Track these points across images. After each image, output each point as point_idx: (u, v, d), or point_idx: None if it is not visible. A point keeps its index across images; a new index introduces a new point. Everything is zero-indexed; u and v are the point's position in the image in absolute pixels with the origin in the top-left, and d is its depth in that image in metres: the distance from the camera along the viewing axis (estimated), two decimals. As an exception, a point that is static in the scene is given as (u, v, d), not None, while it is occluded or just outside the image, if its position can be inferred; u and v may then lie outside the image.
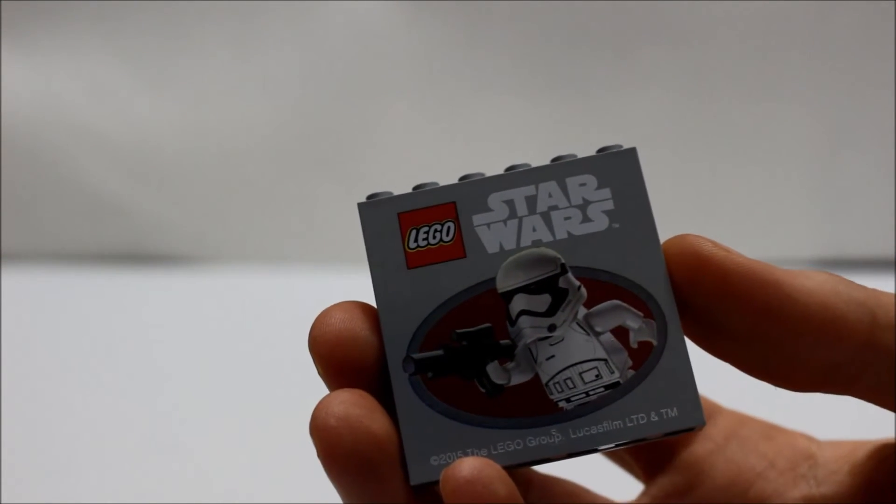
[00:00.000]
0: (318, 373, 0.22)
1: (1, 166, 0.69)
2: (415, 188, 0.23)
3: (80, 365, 0.59)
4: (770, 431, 0.28)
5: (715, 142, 0.65)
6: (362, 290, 0.23)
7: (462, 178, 0.23)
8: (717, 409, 0.28)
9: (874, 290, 0.22)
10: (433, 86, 0.67)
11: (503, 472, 0.20)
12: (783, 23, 0.62)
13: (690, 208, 0.65)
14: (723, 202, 0.65)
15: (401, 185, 0.23)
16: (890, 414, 0.23)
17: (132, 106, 0.68)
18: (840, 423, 0.34)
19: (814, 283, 0.22)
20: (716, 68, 0.64)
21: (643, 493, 0.28)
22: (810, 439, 0.27)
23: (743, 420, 0.28)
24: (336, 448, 0.20)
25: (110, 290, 0.67)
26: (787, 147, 0.64)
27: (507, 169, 0.23)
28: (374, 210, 0.23)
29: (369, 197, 0.23)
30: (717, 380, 0.28)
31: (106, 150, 0.69)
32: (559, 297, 0.22)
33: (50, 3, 0.67)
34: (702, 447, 0.27)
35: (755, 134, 0.64)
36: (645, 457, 0.28)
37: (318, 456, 0.20)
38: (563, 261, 0.23)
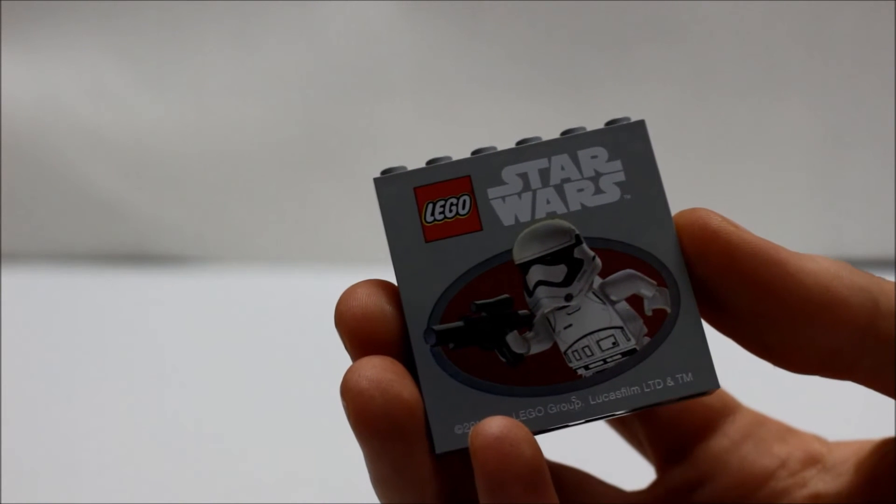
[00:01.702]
0: (345, 347, 0.22)
1: (1, 166, 0.69)
2: (428, 163, 0.24)
3: (80, 365, 0.58)
4: (785, 434, 0.28)
5: (715, 140, 0.65)
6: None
7: (474, 153, 0.24)
8: (736, 407, 0.29)
9: (877, 278, 0.22)
10: (433, 85, 0.67)
11: (530, 435, 0.20)
12: (784, 21, 0.63)
13: (690, 206, 0.65)
14: (722, 201, 0.65)
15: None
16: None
17: (132, 106, 0.69)
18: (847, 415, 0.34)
19: (818, 265, 0.22)
20: (715, 66, 0.64)
21: (655, 484, 0.29)
22: (822, 441, 0.28)
23: (760, 420, 0.28)
24: (367, 410, 0.20)
25: (110, 290, 0.67)
26: (787, 147, 0.65)
27: (519, 143, 0.24)
28: (390, 185, 0.23)
29: (384, 172, 0.23)
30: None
31: (106, 151, 0.69)
32: (575, 268, 0.23)
33: (50, 3, 0.67)
34: (717, 443, 0.28)
35: (756, 133, 0.65)
36: (661, 447, 0.28)
37: (349, 418, 0.21)
38: (577, 232, 0.23)
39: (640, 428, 0.29)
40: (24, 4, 0.67)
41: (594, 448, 0.30)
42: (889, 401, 0.23)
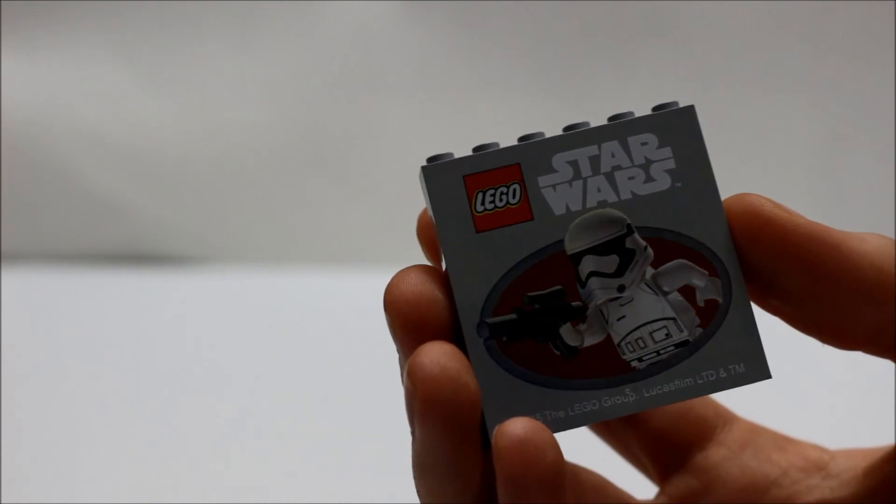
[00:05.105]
0: (393, 332, 0.22)
1: (1, 166, 0.69)
2: (475, 150, 0.23)
3: (80, 365, 0.58)
4: (782, 442, 0.28)
5: (715, 138, 0.65)
6: (362, 289, 0.23)
7: (522, 139, 0.23)
8: (732, 418, 0.29)
9: None
10: (433, 85, 0.67)
11: (554, 439, 0.20)
12: (784, 20, 0.63)
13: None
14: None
15: (401, 184, 0.23)
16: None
17: (132, 106, 0.68)
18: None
19: (870, 246, 0.22)
20: (716, 64, 0.64)
21: (659, 494, 0.28)
22: (822, 450, 0.28)
23: (757, 430, 0.28)
24: (435, 396, 0.20)
25: (110, 290, 0.67)
26: (786, 145, 0.65)
27: (566, 129, 0.23)
28: (440, 173, 0.22)
29: (429, 160, 0.23)
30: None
31: (106, 151, 0.69)
32: (627, 258, 0.22)
33: (50, 3, 0.67)
34: (716, 453, 0.28)
35: (756, 131, 0.65)
36: (658, 457, 0.28)
37: (413, 401, 0.20)
38: (628, 221, 0.23)
39: (633, 439, 0.29)
40: (24, 4, 0.67)
41: (603, 458, 0.30)
42: (886, 412, 0.23)
